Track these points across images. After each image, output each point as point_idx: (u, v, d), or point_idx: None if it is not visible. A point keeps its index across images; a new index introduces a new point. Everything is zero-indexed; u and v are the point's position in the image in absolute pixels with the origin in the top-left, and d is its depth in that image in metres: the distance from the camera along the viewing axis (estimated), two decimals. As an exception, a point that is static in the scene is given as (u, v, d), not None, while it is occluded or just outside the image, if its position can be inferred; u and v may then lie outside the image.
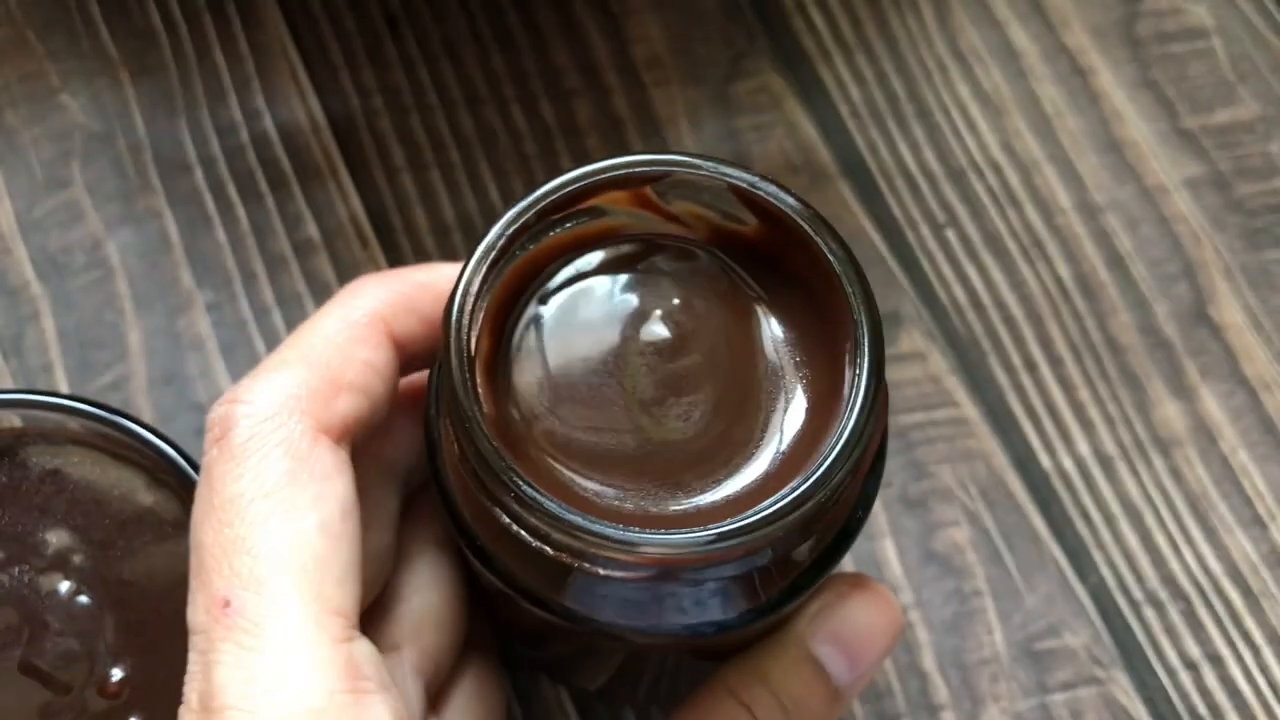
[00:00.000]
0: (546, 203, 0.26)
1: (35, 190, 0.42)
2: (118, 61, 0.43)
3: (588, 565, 0.25)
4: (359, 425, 0.28)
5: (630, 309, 0.27)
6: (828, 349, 0.26)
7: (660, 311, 0.27)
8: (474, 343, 0.25)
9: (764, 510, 0.24)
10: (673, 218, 0.27)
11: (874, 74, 0.44)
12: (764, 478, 0.26)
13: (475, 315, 0.25)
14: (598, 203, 0.27)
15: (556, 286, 0.27)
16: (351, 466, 0.27)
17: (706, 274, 0.27)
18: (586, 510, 0.24)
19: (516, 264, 0.26)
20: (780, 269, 0.27)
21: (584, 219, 0.27)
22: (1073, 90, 0.44)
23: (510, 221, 0.26)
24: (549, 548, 0.25)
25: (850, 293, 0.25)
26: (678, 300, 0.27)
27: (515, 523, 0.25)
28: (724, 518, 0.24)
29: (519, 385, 0.26)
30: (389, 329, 0.29)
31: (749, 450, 0.26)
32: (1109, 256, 0.42)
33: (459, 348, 0.25)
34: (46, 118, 0.42)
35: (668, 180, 0.26)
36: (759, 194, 0.26)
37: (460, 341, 0.25)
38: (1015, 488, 0.40)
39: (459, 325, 0.25)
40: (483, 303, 0.26)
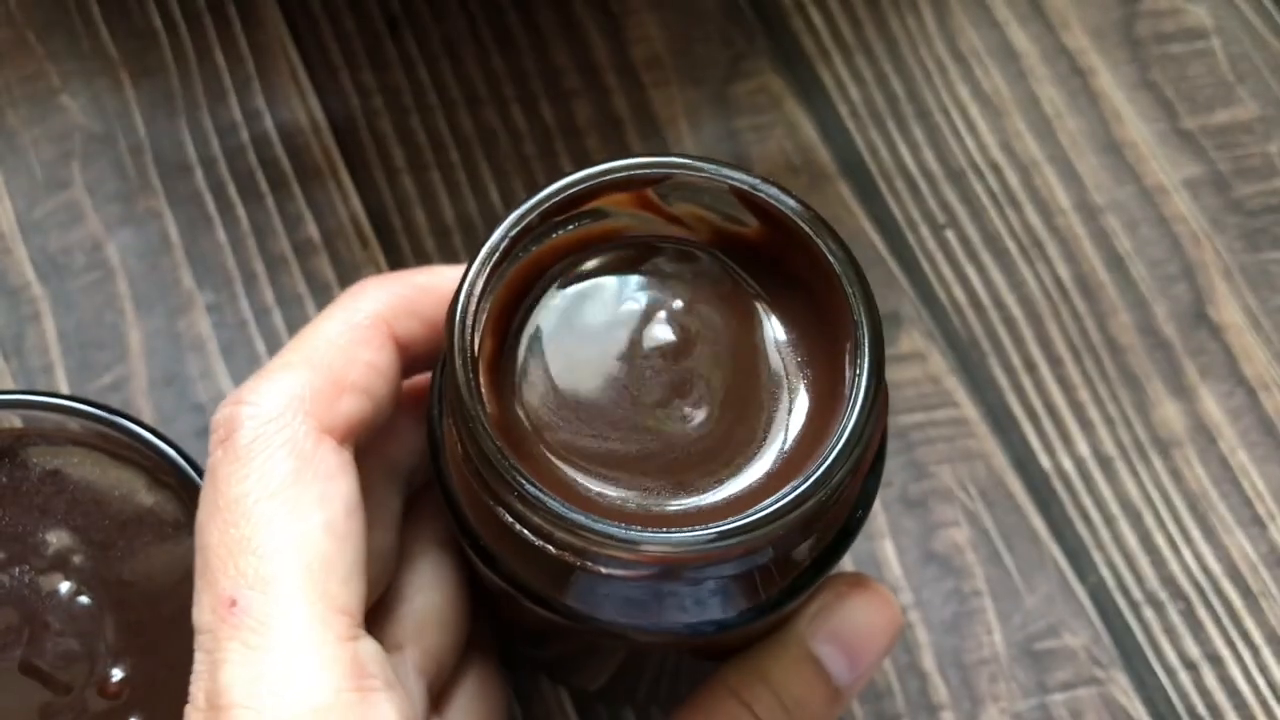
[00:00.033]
0: (549, 204, 0.26)
1: (35, 191, 0.42)
2: (118, 62, 0.43)
3: (590, 564, 0.25)
4: (362, 426, 0.28)
5: (633, 310, 0.27)
6: (829, 349, 0.26)
7: (663, 313, 0.27)
8: (477, 343, 0.25)
9: (765, 509, 0.24)
10: (674, 219, 0.27)
11: (874, 75, 0.44)
12: (765, 477, 0.26)
13: (479, 316, 0.25)
14: (600, 205, 0.27)
15: (559, 288, 0.27)
16: (355, 467, 0.27)
17: (708, 275, 0.27)
18: (589, 509, 0.24)
19: (519, 265, 0.26)
20: (781, 270, 0.27)
21: (586, 221, 0.27)
22: (1072, 91, 0.44)
23: (513, 223, 0.26)
24: (551, 546, 0.25)
25: (850, 293, 0.25)
26: (680, 301, 0.27)
27: (518, 522, 0.25)
28: (725, 517, 0.24)
29: (522, 385, 0.26)
30: (391, 331, 0.29)
31: (751, 450, 0.26)
32: (1108, 257, 0.42)
33: (463, 348, 0.25)
34: (47, 118, 0.43)
35: (669, 182, 0.26)
36: (760, 196, 0.26)
37: (464, 342, 0.25)
38: (1015, 488, 0.40)
39: (463, 326, 0.25)
40: (486, 303, 0.26)
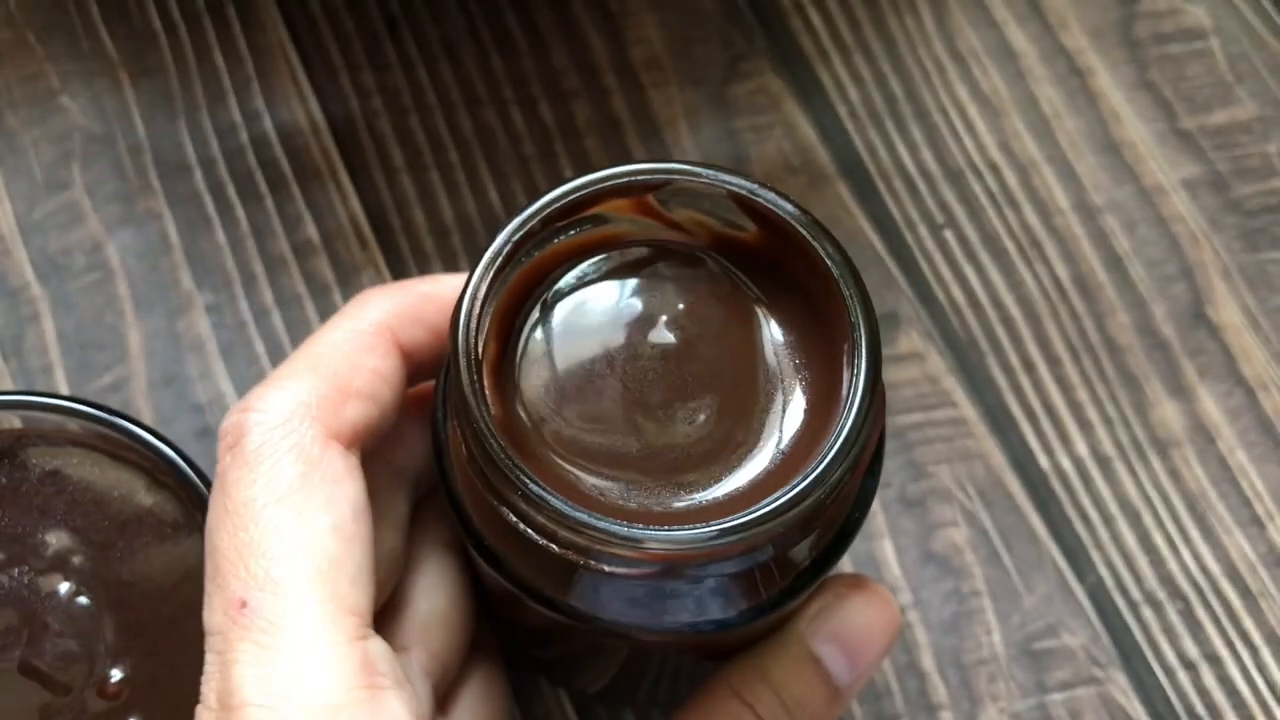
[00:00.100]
0: (550, 210, 0.26)
1: (35, 192, 0.42)
2: (118, 63, 0.43)
3: (593, 562, 0.25)
4: (368, 431, 0.28)
5: (634, 313, 0.27)
6: (826, 351, 0.27)
7: (663, 316, 0.27)
8: (481, 346, 0.26)
9: (765, 507, 0.24)
10: (674, 224, 0.27)
11: (872, 75, 0.44)
12: (765, 476, 0.26)
13: (482, 320, 0.26)
14: (601, 210, 0.27)
15: (561, 291, 0.27)
16: (362, 471, 0.28)
17: (708, 278, 0.27)
18: (592, 508, 0.24)
19: (522, 270, 0.27)
20: (779, 273, 0.27)
21: (587, 226, 0.27)
22: (1071, 91, 0.44)
23: (516, 229, 0.26)
24: (555, 545, 0.25)
25: (848, 296, 0.26)
26: (680, 304, 0.27)
27: (522, 521, 0.25)
28: (725, 515, 0.24)
29: (525, 387, 0.27)
30: (395, 338, 0.29)
31: (750, 450, 0.26)
32: (1107, 257, 0.42)
33: (467, 351, 0.25)
34: (46, 119, 0.43)
35: (669, 188, 0.27)
36: (758, 201, 0.26)
37: (468, 345, 0.25)
38: (1014, 488, 0.40)
39: (467, 329, 0.25)
40: (489, 307, 0.26)
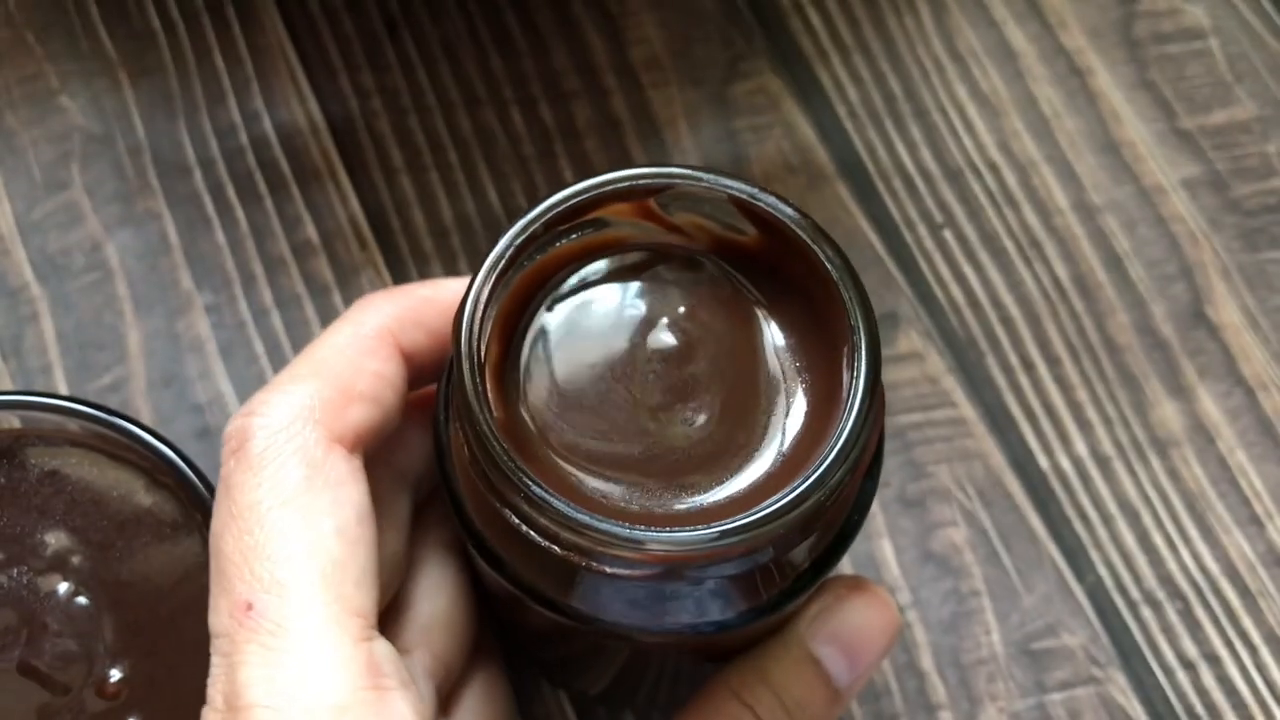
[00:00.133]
0: (552, 214, 0.26)
1: (34, 192, 0.42)
2: (117, 63, 0.43)
3: (595, 564, 0.25)
4: (371, 434, 0.28)
5: (635, 316, 0.27)
6: (826, 353, 0.27)
7: (665, 318, 0.27)
8: (484, 350, 0.26)
9: (765, 509, 0.24)
10: (675, 228, 0.28)
11: (871, 75, 0.44)
12: (765, 478, 0.26)
13: (485, 323, 0.26)
14: (602, 214, 0.27)
15: (563, 295, 0.28)
16: (365, 474, 0.28)
17: (709, 281, 0.28)
18: (593, 510, 0.24)
19: (524, 273, 0.27)
20: (780, 276, 0.27)
21: (589, 230, 0.27)
22: (1070, 91, 0.44)
23: (518, 233, 0.26)
24: (557, 547, 0.25)
25: (847, 299, 0.26)
26: (681, 307, 0.27)
27: (524, 523, 0.25)
28: (726, 517, 0.24)
29: (527, 390, 0.27)
30: (397, 342, 0.29)
31: (751, 452, 0.26)
32: (1106, 257, 0.42)
33: (470, 354, 0.25)
34: (46, 119, 0.43)
35: (670, 192, 0.27)
36: (758, 205, 0.26)
37: (471, 348, 0.25)
38: (1013, 488, 0.40)
39: (469, 333, 0.26)
40: (492, 311, 0.26)
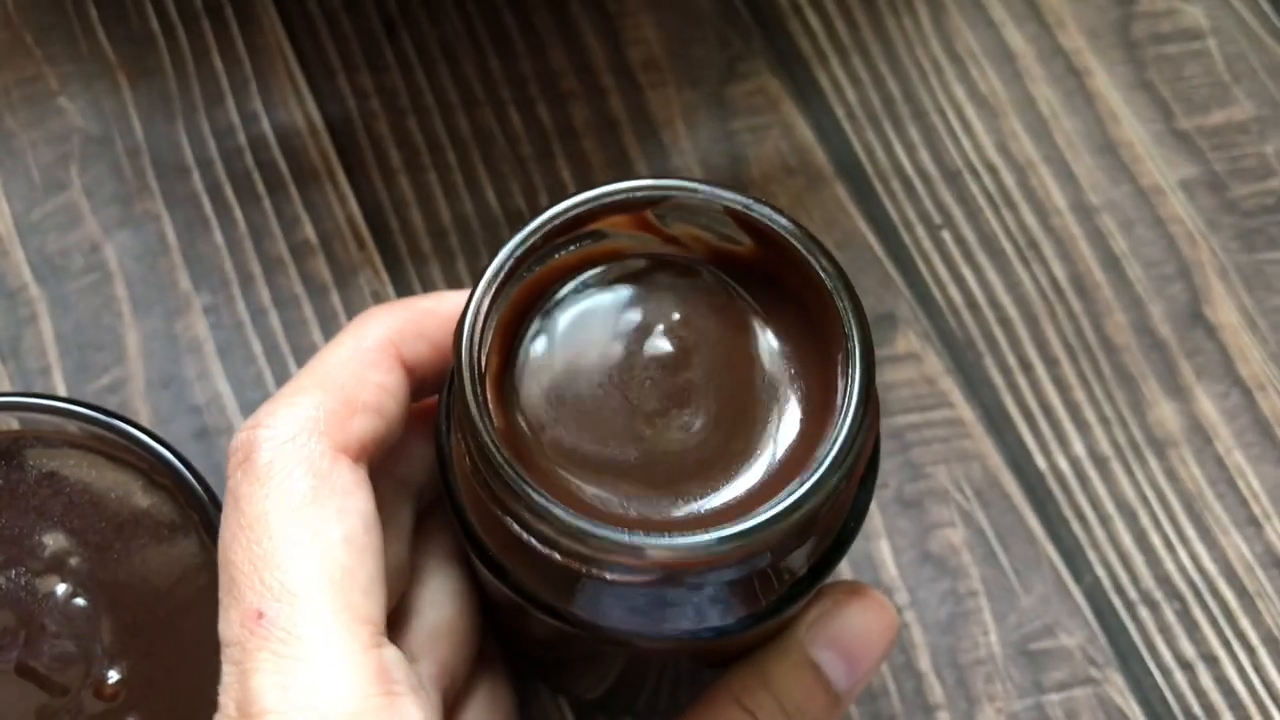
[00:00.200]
0: (551, 226, 0.27)
1: (33, 193, 0.42)
2: (116, 65, 0.43)
3: (595, 571, 0.25)
4: (375, 444, 0.29)
5: (632, 324, 0.27)
6: (821, 361, 0.27)
7: (661, 326, 0.27)
8: (484, 360, 0.26)
9: (762, 515, 0.25)
10: (672, 239, 0.28)
11: (870, 76, 0.44)
12: (761, 484, 0.26)
13: (485, 334, 0.26)
14: (600, 226, 0.28)
15: (561, 305, 0.28)
16: (370, 483, 0.28)
17: (705, 291, 0.28)
18: (593, 517, 0.25)
19: (523, 285, 0.27)
20: (775, 285, 0.28)
21: (587, 241, 0.28)
22: (1068, 91, 0.44)
23: (517, 245, 0.27)
24: (558, 554, 0.25)
25: (841, 308, 0.26)
26: (678, 316, 0.28)
27: (526, 531, 0.25)
28: (723, 523, 0.25)
29: (527, 400, 0.27)
30: (399, 353, 0.29)
31: (747, 458, 0.27)
32: (1104, 257, 0.42)
33: (470, 365, 0.26)
34: (45, 121, 0.43)
35: (667, 204, 0.27)
36: (754, 216, 0.27)
37: (471, 359, 0.26)
38: (1011, 488, 0.40)
39: (470, 344, 0.26)
40: (492, 322, 0.26)
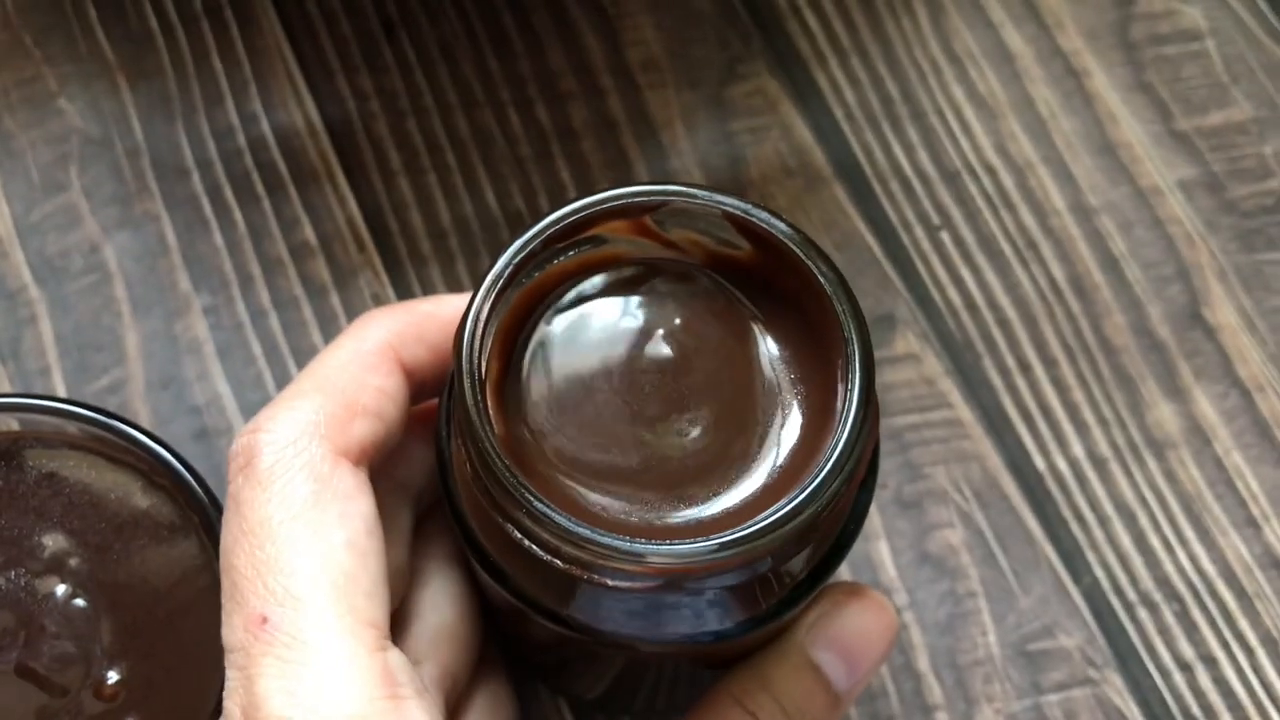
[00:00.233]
0: (551, 232, 0.27)
1: (33, 194, 0.42)
2: (115, 66, 0.43)
3: (596, 577, 0.25)
4: (375, 448, 0.29)
5: (632, 330, 0.27)
6: (821, 365, 0.27)
7: (661, 332, 0.27)
8: (484, 366, 0.26)
9: (762, 521, 0.25)
10: (671, 244, 0.28)
11: (869, 77, 0.44)
12: (762, 490, 0.26)
13: (485, 340, 0.26)
14: (599, 231, 0.28)
15: (561, 310, 0.28)
16: (371, 487, 0.28)
17: (705, 295, 0.28)
18: (594, 523, 0.25)
19: (523, 290, 0.27)
20: (774, 290, 0.28)
21: (586, 247, 0.28)
22: (1067, 92, 0.44)
23: (517, 251, 0.27)
24: (559, 560, 0.25)
25: (841, 312, 0.26)
26: (678, 320, 0.28)
27: (527, 537, 0.25)
28: (724, 529, 0.25)
29: (527, 405, 0.27)
30: (399, 357, 0.29)
31: (747, 463, 0.27)
32: (1103, 258, 0.42)
33: (470, 371, 0.26)
34: (44, 122, 0.43)
35: (666, 209, 0.27)
36: (753, 220, 0.27)
37: (472, 365, 0.26)
38: (1009, 489, 0.40)
39: (470, 350, 0.26)
40: (492, 327, 0.26)
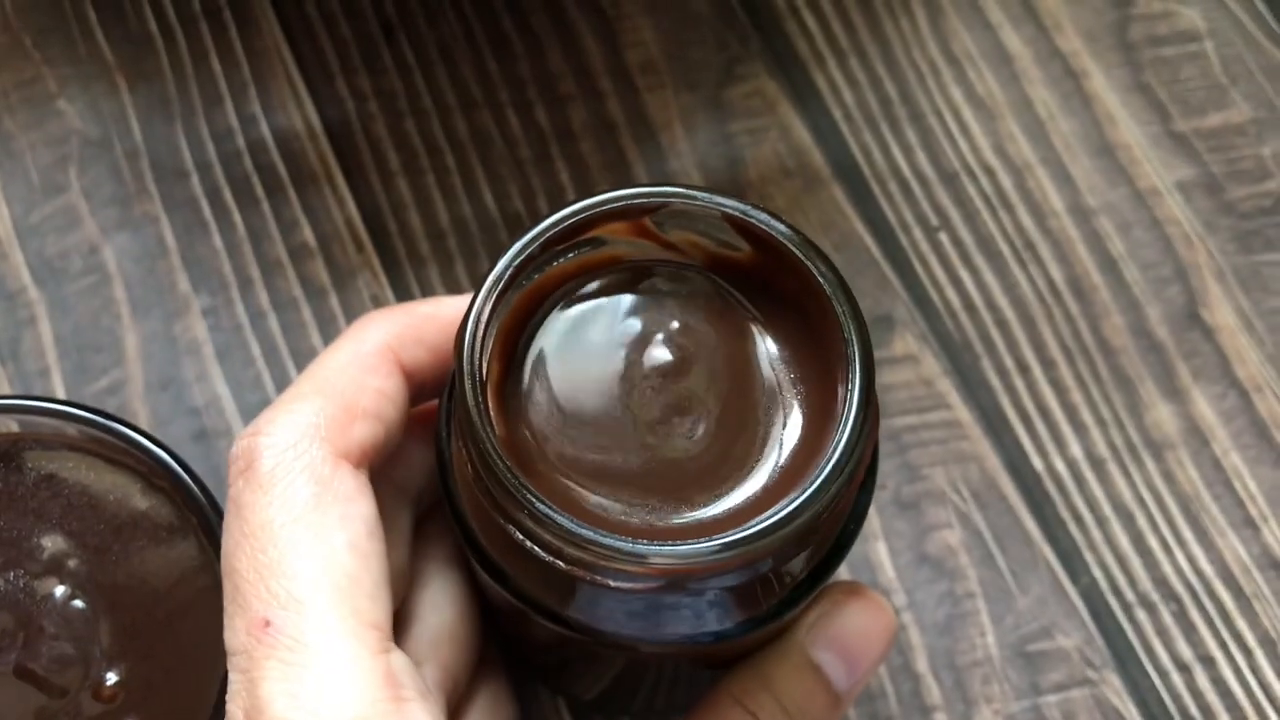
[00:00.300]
0: (550, 234, 0.27)
1: (32, 195, 0.42)
2: (114, 67, 0.43)
3: (598, 578, 0.25)
4: (375, 450, 0.29)
5: (632, 331, 0.28)
6: (821, 367, 0.27)
7: (661, 334, 0.27)
8: (485, 368, 0.26)
9: (763, 522, 0.25)
10: (670, 246, 0.28)
11: (867, 78, 0.44)
12: (763, 491, 0.26)
13: (486, 342, 0.26)
14: (599, 233, 0.28)
15: (562, 313, 0.28)
16: (371, 488, 0.28)
17: (704, 297, 0.28)
18: (596, 525, 0.25)
19: (523, 292, 0.27)
20: (773, 292, 0.28)
21: (586, 248, 0.28)
22: (1065, 93, 0.44)
23: (517, 253, 0.27)
24: (561, 562, 0.25)
25: (841, 314, 0.26)
26: (677, 323, 0.28)
27: (529, 539, 0.25)
28: (725, 530, 0.25)
29: (528, 407, 0.27)
30: (398, 358, 0.29)
31: (748, 465, 0.27)
32: (1101, 259, 0.42)
33: (472, 373, 0.26)
34: (44, 123, 0.43)
35: (665, 210, 0.27)
36: (752, 222, 0.27)
37: (473, 367, 0.26)
38: (1008, 490, 0.40)
39: (471, 352, 0.26)
40: (493, 330, 0.27)
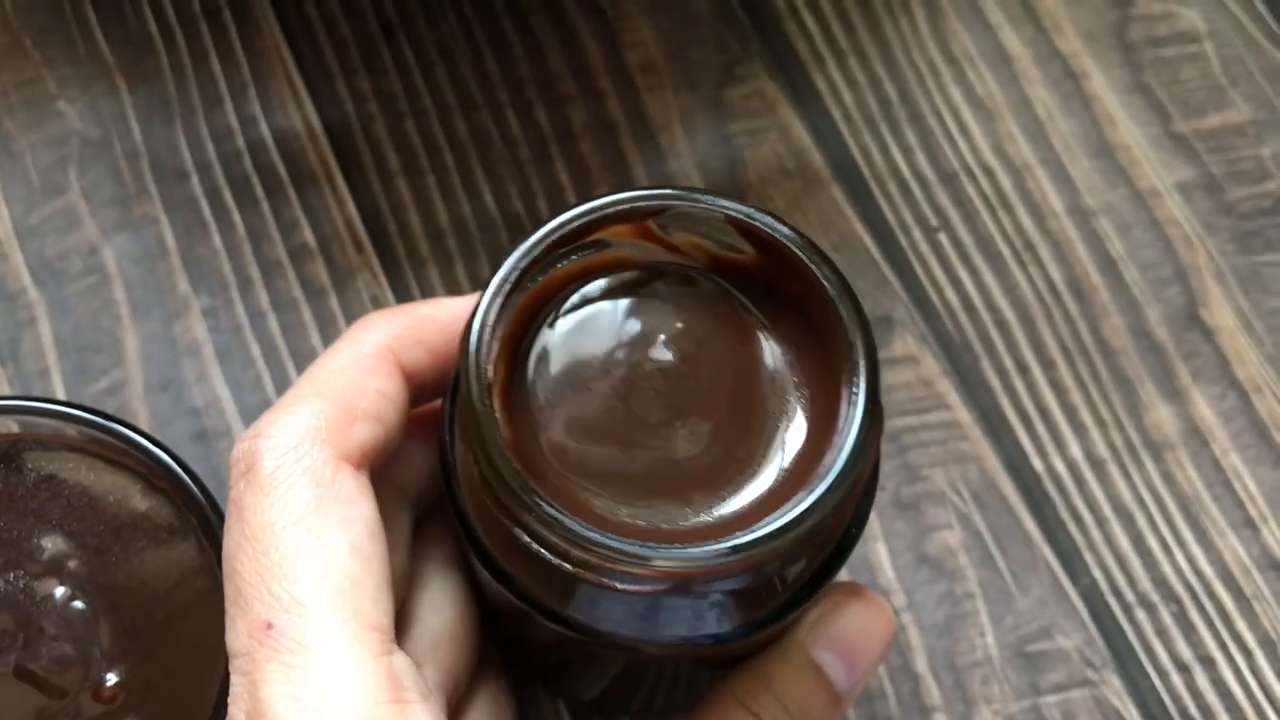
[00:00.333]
0: (555, 237, 0.27)
1: (32, 196, 0.42)
2: (114, 68, 0.43)
3: (604, 580, 0.25)
4: (376, 451, 0.29)
5: (636, 334, 0.28)
6: (825, 369, 0.27)
7: (665, 336, 0.28)
8: (491, 371, 0.26)
9: (770, 525, 0.25)
10: (674, 248, 0.28)
11: (867, 78, 0.44)
12: (768, 494, 0.26)
13: (491, 345, 0.26)
14: (603, 236, 0.28)
15: (566, 315, 0.28)
16: (372, 490, 0.28)
17: (708, 300, 0.28)
18: (602, 527, 0.25)
19: (527, 295, 0.27)
20: (777, 295, 0.28)
21: (590, 251, 0.28)
22: (1065, 94, 0.44)
23: (521, 256, 0.27)
24: (567, 564, 0.25)
25: (845, 317, 0.26)
26: (681, 325, 0.28)
27: (535, 541, 0.26)
28: (730, 533, 0.25)
29: (533, 409, 0.27)
30: (398, 360, 0.29)
31: (754, 467, 0.27)
32: (1101, 260, 0.42)
33: (478, 376, 0.26)
34: (43, 124, 0.43)
35: (669, 213, 0.27)
36: (756, 224, 0.27)
37: (478, 370, 0.26)
38: (1007, 490, 0.40)
39: (477, 355, 0.26)
40: (497, 333, 0.27)
